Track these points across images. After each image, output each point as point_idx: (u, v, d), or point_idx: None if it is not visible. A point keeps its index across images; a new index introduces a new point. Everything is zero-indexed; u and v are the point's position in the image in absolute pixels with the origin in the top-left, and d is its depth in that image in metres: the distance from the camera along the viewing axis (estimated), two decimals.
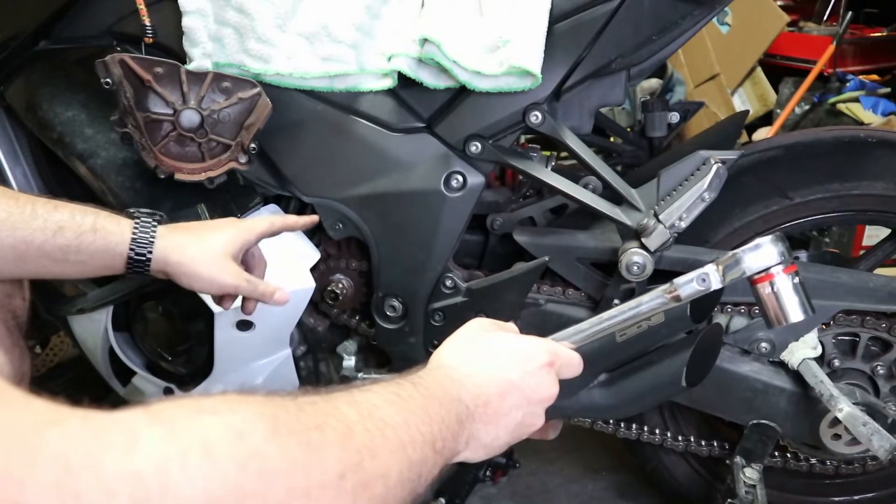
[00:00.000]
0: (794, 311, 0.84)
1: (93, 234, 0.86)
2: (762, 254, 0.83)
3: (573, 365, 0.78)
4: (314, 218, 1.06)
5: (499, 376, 0.69)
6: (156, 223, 0.90)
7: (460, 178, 1.08)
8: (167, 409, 0.41)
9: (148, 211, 0.92)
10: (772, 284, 0.83)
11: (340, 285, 1.19)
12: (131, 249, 0.87)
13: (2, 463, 0.32)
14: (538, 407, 0.72)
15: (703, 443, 1.24)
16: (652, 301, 0.86)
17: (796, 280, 0.84)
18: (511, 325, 0.81)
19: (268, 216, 0.96)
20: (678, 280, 0.85)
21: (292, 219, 1.02)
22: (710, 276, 0.83)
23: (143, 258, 0.88)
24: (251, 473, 0.40)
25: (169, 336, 1.18)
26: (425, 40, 1.00)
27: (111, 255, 0.87)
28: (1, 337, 0.88)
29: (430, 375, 0.64)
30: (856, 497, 1.29)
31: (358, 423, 0.50)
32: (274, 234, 0.99)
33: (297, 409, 0.47)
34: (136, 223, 0.88)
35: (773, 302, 0.84)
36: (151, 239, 0.88)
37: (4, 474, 0.32)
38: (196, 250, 0.90)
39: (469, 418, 0.64)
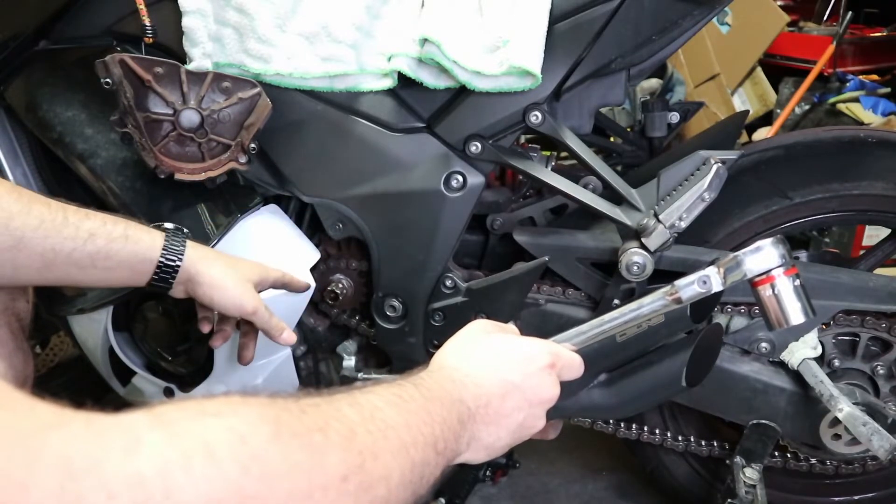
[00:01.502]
0: (795, 314, 0.84)
1: (124, 241, 0.87)
2: (763, 256, 0.83)
3: (574, 367, 0.78)
4: (309, 285, 1.09)
5: (500, 377, 0.69)
6: (185, 236, 0.92)
7: (460, 178, 1.08)
8: (169, 411, 0.41)
9: (171, 226, 0.95)
10: (773, 287, 0.83)
11: (340, 285, 1.19)
12: (162, 257, 0.89)
13: (4, 466, 0.32)
14: (539, 408, 0.72)
15: (703, 443, 1.24)
16: (653, 303, 0.86)
17: (797, 282, 0.84)
18: (512, 327, 0.81)
19: (282, 272, 1.02)
20: (679, 282, 0.85)
21: (298, 283, 1.06)
22: (710, 279, 0.83)
23: (174, 265, 0.89)
24: (253, 476, 0.40)
25: (169, 336, 1.18)
26: (425, 40, 1.00)
27: (140, 261, 0.88)
28: (5, 340, 0.88)
29: (431, 376, 0.64)
30: (856, 497, 1.29)
31: (360, 425, 0.50)
32: (285, 287, 1.04)
33: (299, 411, 0.47)
34: (167, 234, 0.91)
35: (773, 304, 0.84)
36: (182, 248, 0.90)
37: (7, 477, 0.32)
38: (223, 268, 0.93)
39: (470, 419, 0.64)
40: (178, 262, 0.90)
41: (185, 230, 0.96)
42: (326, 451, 0.46)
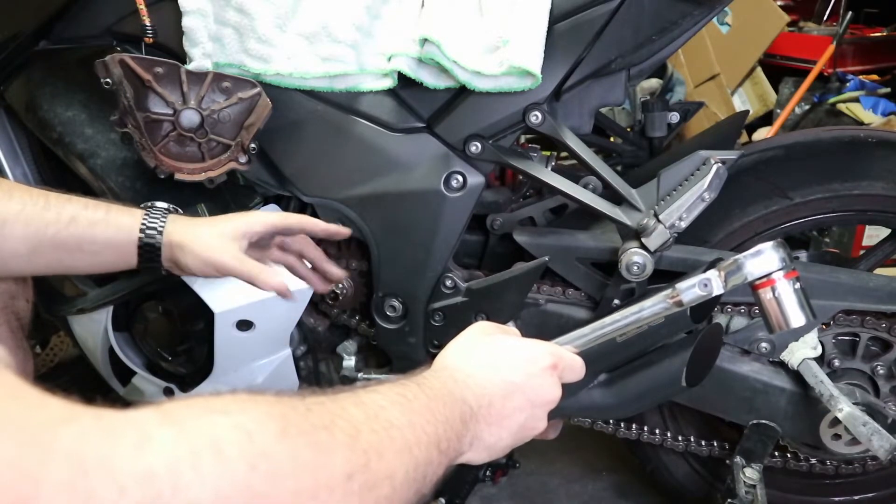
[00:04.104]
0: (796, 317, 0.84)
1: (105, 224, 0.87)
2: (763, 259, 0.83)
3: (575, 369, 0.78)
4: (341, 230, 1.03)
5: (502, 378, 0.69)
6: (167, 212, 0.92)
7: (460, 178, 1.08)
8: (178, 408, 0.41)
9: (162, 204, 0.95)
10: (773, 290, 0.83)
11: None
12: (141, 234, 0.89)
13: (16, 460, 0.32)
14: (541, 410, 0.72)
15: (703, 443, 1.24)
16: (654, 306, 0.86)
17: (797, 286, 0.84)
18: (513, 329, 0.81)
19: (280, 212, 0.98)
20: (680, 285, 0.84)
21: (312, 222, 1.00)
22: (711, 282, 0.83)
23: (154, 243, 0.89)
24: (260, 473, 0.40)
25: (169, 336, 1.18)
26: (425, 40, 1.00)
27: (124, 243, 0.88)
28: (5, 339, 0.88)
29: (434, 376, 0.64)
30: (856, 497, 1.30)
31: (365, 424, 0.50)
32: (287, 229, 0.99)
33: (305, 410, 0.48)
34: (147, 212, 0.90)
35: (774, 307, 0.84)
36: (161, 224, 0.90)
37: (19, 471, 0.32)
38: (200, 231, 0.91)
39: (473, 419, 0.64)
40: (157, 239, 0.89)
41: (174, 207, 0.94)
42: (332, 449, 0.46)
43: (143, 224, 0.89)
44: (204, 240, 0.90)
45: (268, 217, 0.96)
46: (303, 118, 1.08)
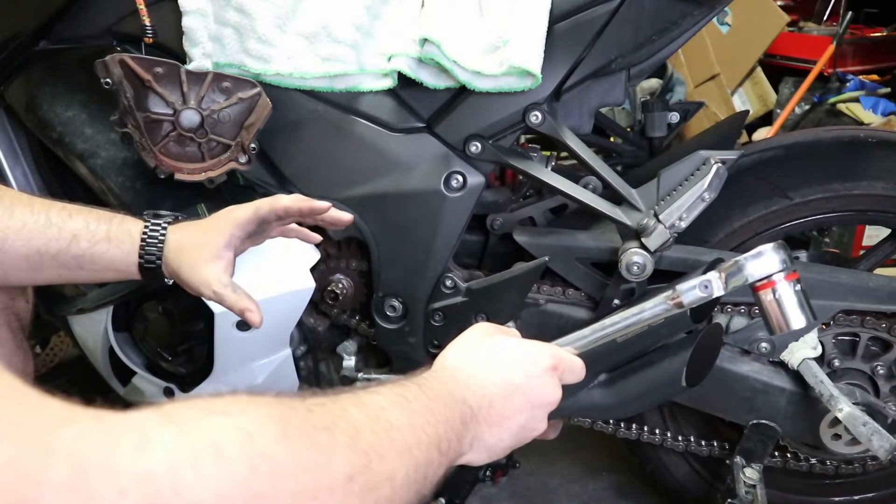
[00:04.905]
0: (796, 318, 0.84)
1: (106, 244, 0.86)
2: (764, 261, 0.83)
3: (576, 370, 0.79)
4: (316, 204, 0.95)
5: (502, 379, 0.69)
6: (165, 228, 0.90)
7: (460, 178, 1.08)
8: (178, 409, 0.41)
9: (162, 213, 0.92)
10: (774, 291, 0.83)
11: (340, 285, 1.19)
12: (140, 258, 0.88)
13: (17, 461, 0.32)
14: (541, 411, 0.72)
15: (703, 443, 1.24)
16: (654, 307, 0.86)
17: (798, 287, 0.84)
18: (514, 330, 0.81)
19: (253, 203, 0.92)
20: (680, 287, 0.84)
21: (284, 204, 0.93)
22: (712, 284, 0.83)
23: (154, 266, 0.89)
24: (261, 475, 0.40)
25: (169, 336, 1.18)
26: (425, 40, 1.00)
27: (125, 263, 0.88)
28: (4, 339, 0.88)
29: (434, 377, 0.64)
30: (856, 497, 1.30)
31: (365, 425, 0.50)
32: (263, 220, 0.93)
33: (305, 411, 0.48)
34: (145, 231, 0.89)
35: (774, 309, 0.84)
36: (160, 246, 0.89)
37: (19, 472, 0.32)
38: (184, 257, 0.90)
39: (473, 420, 0.64)
40: (157, 263, 0.89)
41: (173, 216, 0.92)
42: (332, 450, 0.46)
43: (143, 244, 0.88)
44: (185, 271, 0.89)
45: (244, 215, 0.91)
46: (303, 118, 1.08)
